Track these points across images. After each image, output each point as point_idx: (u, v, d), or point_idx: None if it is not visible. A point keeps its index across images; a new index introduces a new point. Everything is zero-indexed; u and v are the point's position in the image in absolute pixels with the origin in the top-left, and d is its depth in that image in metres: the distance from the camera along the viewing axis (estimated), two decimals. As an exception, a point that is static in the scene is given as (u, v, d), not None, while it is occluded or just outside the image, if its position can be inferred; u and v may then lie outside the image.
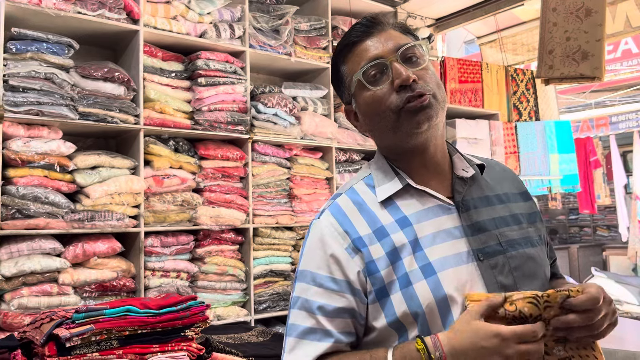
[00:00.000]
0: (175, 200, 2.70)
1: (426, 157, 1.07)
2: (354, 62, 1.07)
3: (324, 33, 3.44)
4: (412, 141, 1.03)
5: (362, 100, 1.07)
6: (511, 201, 1.12)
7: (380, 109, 1.03)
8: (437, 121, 1.04)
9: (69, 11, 2.44)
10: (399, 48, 1.03)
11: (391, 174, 1.07)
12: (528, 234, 1.08)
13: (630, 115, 6.78)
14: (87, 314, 1.61)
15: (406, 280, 0.96)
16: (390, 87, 1.02)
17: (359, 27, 1.08)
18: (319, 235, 1.03)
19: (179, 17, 2.83)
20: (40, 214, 2.30)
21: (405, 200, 1.04)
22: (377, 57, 1.03)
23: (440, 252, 0.98)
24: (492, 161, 1.21)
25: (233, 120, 2.92)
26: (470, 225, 1.02)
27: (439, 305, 0.95)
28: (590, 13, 2.91)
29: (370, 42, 1.05)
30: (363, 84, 1.05)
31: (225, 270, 2.85)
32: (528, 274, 1.03)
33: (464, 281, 0.97)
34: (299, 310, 1.00)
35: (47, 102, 2.34)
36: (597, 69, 2.85)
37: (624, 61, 6.56)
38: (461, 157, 1.11)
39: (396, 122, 1.02)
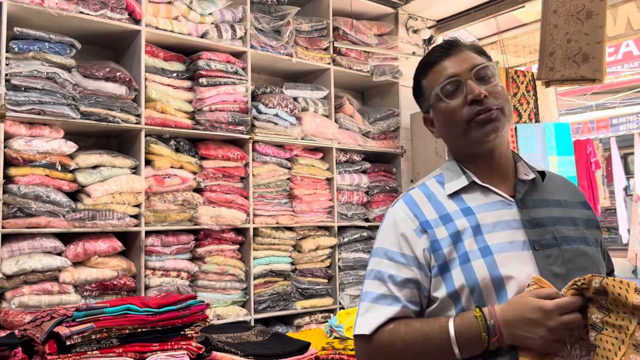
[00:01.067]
0: (176, 200, 2.71)
1: (491, 161, 1.21)
2: (434, 78, 1.22)
3: (325, 34, 3.45)
4: (479, 148, 1.18)
5: (438, 111, 1.22)
6: (570, 207, 1.23)
7: (454, 120, 1.18)
8: (503, 132, 1.18)
9: (71, 11, 2.45)
10: (473, 68, 1.18)
11: (459, 172, 1.22)
12: (584, 235, 1.18)
13: (631, 118, 6.78)
14: (87, 313, 1.62)
15: (466, 258, 1.09)
16: (464, 101, 1.17)
17: (439, 49, 1.24)
18: (393, 218, 1.20)
19: (181, 18, 2.84)
20: (42, 212, 2.31)
21: (470, 195, 1.19)
22: (453, 75, 1.19)
23: (499, 239, 1.11)
24: (556, 174, 1.33)
25: (234, 121, 2.92)
26: (529, 220, 1.14)
27: (494, 282, 1.07)
28: (591, 15, 2.91)
29: (448, 62, 1.21)
30: (440, 97, 1.20)
31: (226, 269, 2.86)
32: (581, 267, 1.11)
33: (519, 265, 1.08)
34: (373, 280, 1.16)
35: (48, 102, 2.35)
36: (598, 71, 2.85)
37: (624, 63, 6.56)
38: (524, 164, 1.24)
39: (467, 131, 1.17)
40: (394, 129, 3.78)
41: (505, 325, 1.01)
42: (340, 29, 3.52)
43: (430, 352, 1.07)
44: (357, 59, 3.57)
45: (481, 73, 1.18)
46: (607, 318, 0.98)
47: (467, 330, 1.03)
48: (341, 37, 3.53)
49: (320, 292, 3.26)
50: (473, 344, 1.03)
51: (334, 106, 3.45)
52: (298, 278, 3.18)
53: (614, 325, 0.97)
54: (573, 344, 1.01)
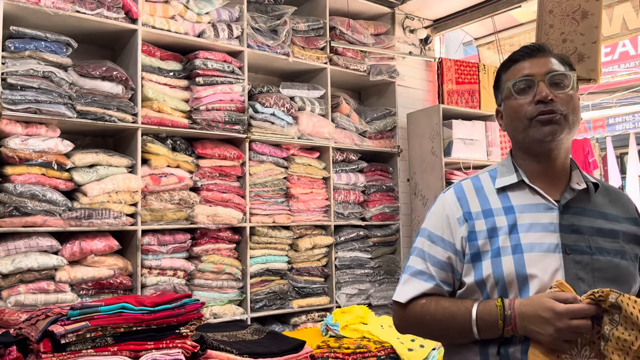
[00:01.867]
0: (173, 199, 2.72)
1: (546, 164, 1.25)
2: (511, 74, 1.28)
3: (322, 33, 3.45)
4: (536, 147, 1.23)
5: (507, 104, 1.28)
6: (616, 220, 1.25)
7: (518, 115, 1.24)
8: (562, 137, 1.21)
9: (67, 10, 2.45)
10: (549, 72, 1.23)
11: (511, 169, 1.28)
12: (622, 249, 1.21)
13: (627, 117, 6.79)
14: (82, 311, 1.62)
15: (497, 252, 1.17)
16: (531, 100, 1.21)
17: (525, 49, 1.29)
18: (441, 203, 1.30)
19: (178, 17, 2.84)
20: (38, 211, 2.31)
21: (516, 194, 1.24)
22: (529, 74, 1.24)
23: (532, 239, 1.16)
24: (614, 188, 1.37)
25: (230, 120, 2.93)
26: (567, 225, 1.18)
27: (518, 279, 1.14)
28: (586, 15, 2.92)
29: (529, 63, 1.26)
30: (511, 91, 1.25)
31: (222, 268, 2.87)
32: (609, 277, 1.16)
33: (546, 265, 1.14)
34: (415, 256, 1.28)
35: (45, 101, 2.35)
36: (593, 71, 2.86)
37: (621, 63, 6.57)
38: (579, 174, 1.28)
39: (527, 128, 1.22)
40: (390, 129, 3.79)
41: (520, 317, 1.09)
42: (337, 28, 3.53)
43: (454, 328, 1.18)
44: (354, 58, 3.58)
45: (556, 79, 1.22)
46: (614, 330, 1.03)
47: (487, 315, 1.13)
48: (338, 37, 3.54)
49: (317, 291, 3.26)
50: (490, 328, 1.13)
51: (331, 105, 3.45)
52: (294, 277, 3.19)
53: (619, 338, 1.03)
54: (584, 345, 1.07)
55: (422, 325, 1.25)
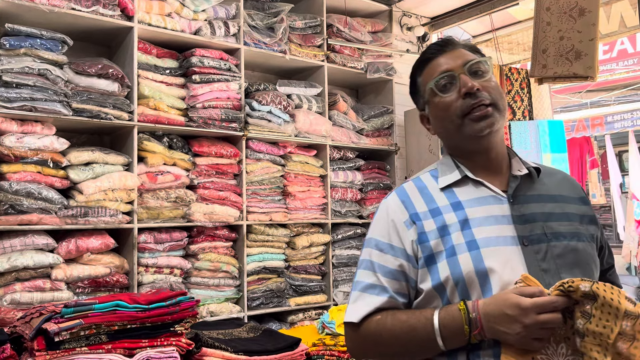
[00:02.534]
0: (169, 197, 2.71)
1: (485, 157, 1.22)
2: (429, 75, 1.25)
3: (319, 31, 3.45)
4: (474, 144, 1.20)
5: (433, 106, 1.24)
6: (566, 202, 1.22)
7: (448, 114, 1.20)
8: (497, 127, 1.19)
9: (63, 7, 2.45)
10: (467, 63, 1.21)
11: (452, 167, 1.24)
12: (577, 231, 1.18)
13: (626, 115, 6.79)
14: (76, 309, 1.62)
15: (452, 251, 1.11)
16: (458, 95, 1.18)
17: (434, 46, 1.27)
18: (385, 209, 1.23)
19: (174, 14, 2.83)
20: (34, 209, 2.31)
21: (461, 189, 1.20)
22: (447, 70, 1.21)
23: (487, 233, 1.12)
24: (555, 169, 1.35)
25: (227, 118, 2.92)
26: (519, 215, 1.14)
27: (479, 276, 1.08)
28: (583, 12, 2.91)
29: (443, 59, 1.23)
30: (435, 91, 1.22)
31: (219, 266, 2.87)
32: (570, 263, 1.12)
33: (506, 259, 1.09)
34: (364, 269, 1.19)
35: (40, 98, 2.35)
36: (590, 69, 2.85)
37: (619, 61, 6.56)
38: (519, 160, 1.25)
39: (461, 126, 1.19)
40: (387, 126, 3.78)
41: (486, 319, 1.02)
42: (334, 26, 3.52)
43: (415, 342, 1.09)
44: (351, 56, 3.57)
45: (474, 68, 1.20)
46: (588, 325, 0.98)
47: (451, 322, 1.05)
48: (335, 34, 3.53)
49: (314, 288, 3.26)
50: (456, 336, 1.05)
51: (328, 103, 3.45)
52: (291, 275, 3.18)
53: (594, 332, 0.97)
54: (559, 343, 1.01)
55: (380, 344, 1.14)
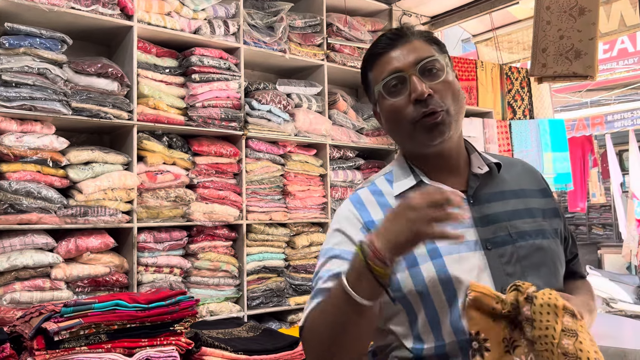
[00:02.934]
0: (169, 196, 2.71)
1: (441, 159, 1.15)
2: (378, 72, 1.15)
3: (319, 30, 3.44)
4: (426, 150, 1.13)
5: (383, 108, 1.16)
6: (528, 196, 1.17)
7: (399, 118, 1.11)
8: (451, 134, 1.11)
9: (62, 6, 2.44)
10: (419, 62, 1.10)
11: (407, 171, 1.16)
12: (542, 227, 1.13)
13: (626, 114, 6.79)
14: (75, 308, 1.62)
15: (413, 261, 1.04)
16: (408, 99, 1.09)
17: (385, 39, 1.16)
18: (338, 218, 1.16)
19: (173, 13, 2.83)
20: (33, 209, 2.31)
21: None
22: (397, 70, 1.11)
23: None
24: (515, 160, 1.29)
25: (227, 117, 2.92)
26: (481, 217, 1.09)
27: (443, 286, 1.02)
28: (583, 12, 2.91)
29: (394, 54, 1.12)
30: (383, 94, 1.13)
31: (219, 266, 2.86)
32: (536, 263, 1.08)
33: (470, 267, 1.04)
34: (317, 280, 1.10)
35: (40, 97, 2.35)
36: (590, 68, 2.85)
37: (619, 60, 6.56)
38: (478, 156, 1.18)
39: (412, 132, 1.11)
40: (388, 126, 3.77)
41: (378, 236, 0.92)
42: (334, 25, 3.52)
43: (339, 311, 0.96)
44: (351, 55, 3.57)
45: (428, 66, 1.10)
46: (534, 332, 0.94)
47: (352, 266, 0.95)
48: (335, 34, 3.53)
49: (314, 288, 3.26)
50: (360, 276, 0.92)
51: (328, 102, 3.45)
52: (291, 274, 3.18)
53: (540, 337, 0.94)
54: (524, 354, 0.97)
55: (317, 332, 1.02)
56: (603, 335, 2.61)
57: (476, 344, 0.98)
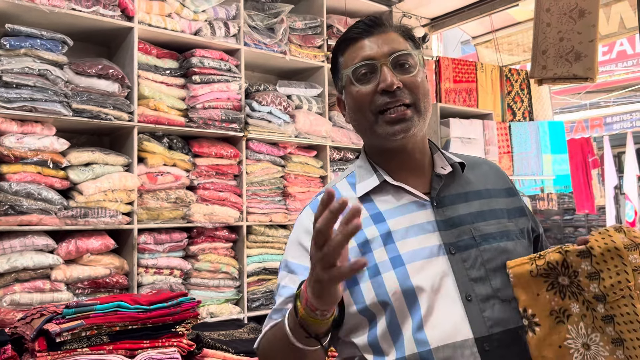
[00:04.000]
0: (169, 198, 2.71)
1: (404, 157, 1.11)
2: (349, 57, 1.11)
3: (319, 32, 3.45)
4: (387, 144, 1.09)
5: (349, 94, 1.11)
6: (492, 197, 1.14)
7: (362, 107, 1.08)
8: (415, 131, 1.07)
9: (63, 8, 2.44)
10: (392, 53, 1.06)
11: (370, 171, 1.12)
12: (506, 228, 1.10)
13: (625, 116, 6.81)
14: (77, 310, 1.61)
15: (375, 270, 1.00)
16: (375, 89, 1.06)
17: (361, 25, 1.12)
18: (298, 228, 1.10)
19: (174, 15, 2.83)
20: (33, 210, 2.30)
21: (381, 197, 1.09)
22: (369, 57, 1.07)
23: (411, 246, 1.02)
24: (479, 159, 1.24)
25: (227, 118, 2.92)
26: (444, 220, 1.06)
27: (406, 295, 0.98)
28: (583, 14, 2.92)
29: (368, 42, 1.09)
30: (351, 80, 1.09)
31: (219, 267, 2.86)
32: (500, 266, 1.04)
33: (433, 273, 1.00)
34: (277, 296, 1.07)
35: (40, 99, 2.34)
36: (590, 70, 2.86)
37: (618, 62, 6.58)
38: (441, 156, 1.14)
39: (374, 124, 1.07)
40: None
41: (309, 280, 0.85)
42: (334, 26, 3.52)
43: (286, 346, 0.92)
44: (351, 57, 3.57)
45: (401, 60, 1.07)
46: (603, 283, 0.89)
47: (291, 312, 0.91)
48: (335, 35, 3.53)
49: (314, 290, 3.25)
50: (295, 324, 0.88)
51: (328, 104, 3.45)
52: (291, 276, 3.18)
53: (613, 286, 0.88)
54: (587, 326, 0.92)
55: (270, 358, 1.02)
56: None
57: (525, 320, 0.96)
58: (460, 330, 0.98)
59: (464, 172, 1.15)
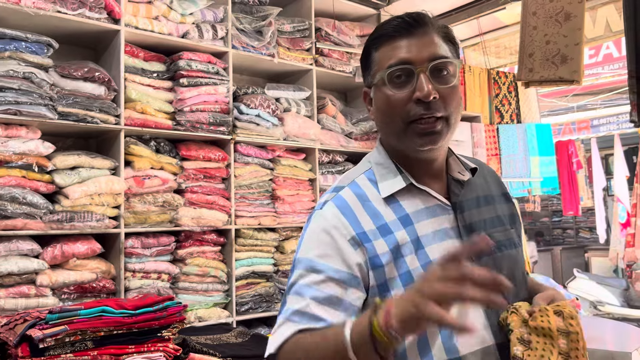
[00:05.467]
0: (156, 201, 2.69)
1: (427, 164, 1.09)
2: (385, 56, 1.04)
3: (307, 35, 3.45)
4: (413, 154, 1.06)
5: (379, 95, 1.06)
6: (496, 202, 1.15)
7: (393, 113, 1.02)
8: (443, 143, 1.04)
9: (48, 10, 2.42)
10: (433, 59, 1.00)
11: (394, 171, 1.08)
12: (511, 236, 1.12)
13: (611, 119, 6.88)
14: (61, 315, 1.59)
15: (409, 277, 0.97)
16: (410, 96, 1.00)
17: (402, 22, 1.04)
18: (322, 225, 1.02)
19: (161, 18, 2.81)
20: (18, 214, 2.28)
21: (407, 199, 1.05)
22: (407, 61, 1.01)
23: (439, 252, 1.00)
24: (478, 162, 1.24)
25: (215, 121, 2.91)
26: (465, 226, 1.05)
27: None
28: (569, 17, 2.95)
29: (408, 42, 1.02)
30: (385, 81, 1.03)
31: (207, 271, 2.84)
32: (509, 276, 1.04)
33: None
34: (293, 295, 0.99)
35: (25, 102, 2.32)
36: (576, 73, 2.88)
37: (605, 65, 6.64)
38: (457, 160, 1.13)
39: (403, 132, 1.02)
40: (376, 130, 3.79)
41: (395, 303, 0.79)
42: (322, 29, 3.52)
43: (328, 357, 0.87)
44: (340, 59, 3.58)
45: (440, 67, 1.01)
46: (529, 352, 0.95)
47: (361, 319, 0.83)
48: (323, 38, 3.53)
49: (303, 293, 3.24)
50: (363, 336, 0.80)
51: (317, 107, 3.45)
52: (280, 279, 3.17)
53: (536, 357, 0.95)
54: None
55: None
56: (590, 338, 2.63)
57: None
58: (484, 337, 0.99)
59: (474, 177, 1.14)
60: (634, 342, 2.51)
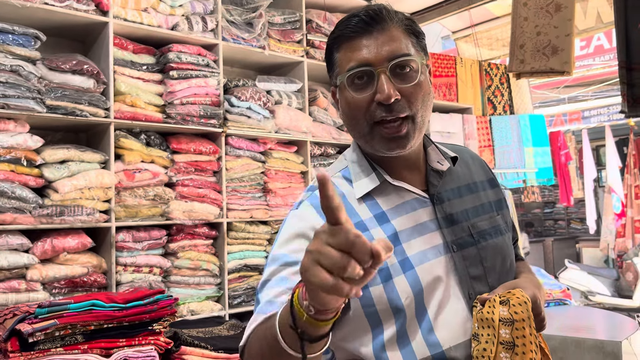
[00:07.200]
0: (147, 195, 2.67)
1: (400, 159, 1.06)
2: (345, 58, 1.01)
3: (298, 26, 3.43)
4: (381, 155, 1.03)
5: (343, 98, 1.04)
6: (480, 190, 1.13)
7: (357, 115, 1.00)
8: (412, 144, 1.01)
9: (35, 2, 2.39)
10: (392, 59, 0.97)
11: (368, 169, 1.06)
12: (497, 223, 1.10)
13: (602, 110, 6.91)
14: (50, 309, 1.59)
15: (387, 274, 0.96)
16: (372, 98, 0.98)
17: (359, 21, 1.00)
18: (297, 225, 1.00)
19: (150, 9, 2.79)
20: (7, 209, 2.26)
21: (382, 196, 1.04)
22: (366, 62, 0.97)
23: (418, 247, 0.99)
24: (461, 148, 1.21)
25: (206, 114, 2.89)
26: (444, 217, 1.03)
27: (417, 299, 0.96)
28: (559, 8, 2.95)
29: (366, 42, 0.98)
30: (345, 85, 1.01)
31: (199, 265, 2.84)
32: (495, 264, 1.05)
33: (440, 273, 0.98)
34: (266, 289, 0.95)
35: (13, 95, 2.29)
36: (567, 64, 2.89)
37: (596, 57, 6.67)
38: (436, 150, 1.11)
39: (369, 134, 1.00)
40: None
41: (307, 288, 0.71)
42: (313, 21, 3.50)
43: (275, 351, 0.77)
44: (331, 51, 3.56)
45: (401, 65, 0.98)
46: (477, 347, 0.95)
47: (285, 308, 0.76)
48: (314, 30, 3.51)
49: (296, 285, 3.25)
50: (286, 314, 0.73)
51: (308, 99, 3.43)
52: (273, 272, 3.16)
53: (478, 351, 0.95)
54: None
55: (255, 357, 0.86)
56: (581, 327, 2.65)
57: None
58: (468, 329, 0.98)
59: (454, 165, 1.11)
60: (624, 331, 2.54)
